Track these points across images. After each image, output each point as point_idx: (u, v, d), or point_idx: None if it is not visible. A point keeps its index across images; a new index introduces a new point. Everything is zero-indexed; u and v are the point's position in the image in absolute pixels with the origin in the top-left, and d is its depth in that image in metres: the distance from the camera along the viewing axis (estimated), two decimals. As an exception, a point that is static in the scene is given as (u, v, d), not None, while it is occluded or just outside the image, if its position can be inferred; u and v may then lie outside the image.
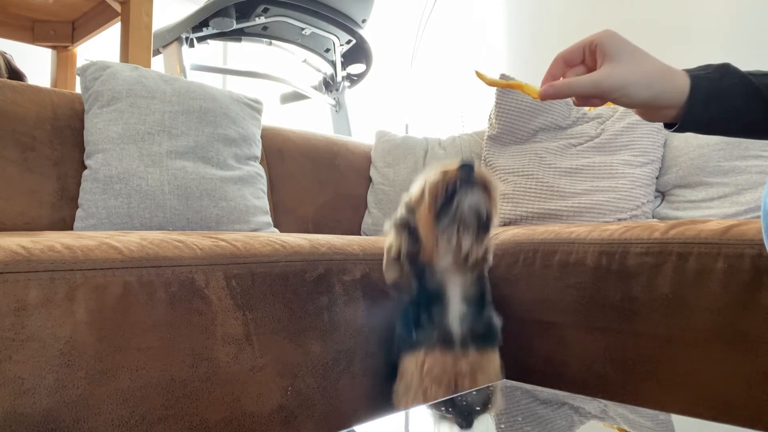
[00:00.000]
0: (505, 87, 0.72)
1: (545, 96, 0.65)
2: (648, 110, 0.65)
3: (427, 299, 0.89)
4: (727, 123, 0.64)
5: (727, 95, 0.61)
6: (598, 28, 0.65)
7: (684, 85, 0.61)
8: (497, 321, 0.91)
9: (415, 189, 0.89)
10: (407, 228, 0.90)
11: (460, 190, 0.82)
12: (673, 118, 0.64)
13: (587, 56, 0.65)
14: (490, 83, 0.72)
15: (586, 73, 0.64)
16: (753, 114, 0.62)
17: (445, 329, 0.87)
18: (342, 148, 1.79)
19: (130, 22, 1.69)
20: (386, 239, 0.93)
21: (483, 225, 0.84)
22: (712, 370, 0.83)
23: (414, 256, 0.89)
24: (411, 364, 0.87)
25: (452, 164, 0.84)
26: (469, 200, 0.82)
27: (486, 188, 0.83)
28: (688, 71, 0.62)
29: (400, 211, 0.91)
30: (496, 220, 0.85)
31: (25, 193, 1.16)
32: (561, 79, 0.65)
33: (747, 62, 0.65)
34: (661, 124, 0.66)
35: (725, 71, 0.62)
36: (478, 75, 0.71)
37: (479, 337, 0.88)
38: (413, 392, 0.86)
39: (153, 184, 1.21)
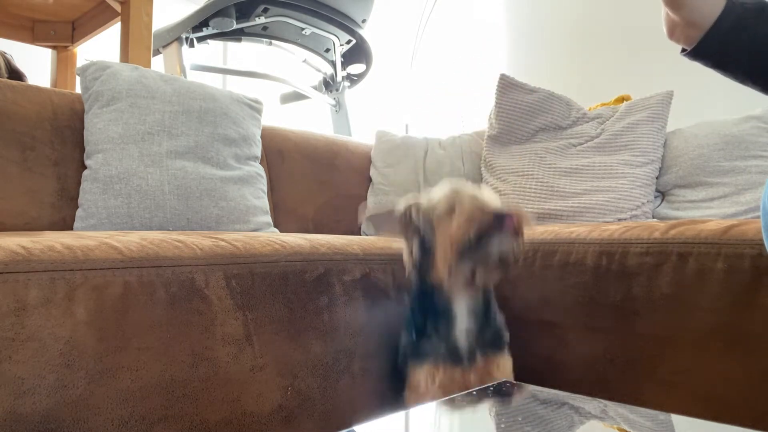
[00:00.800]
0: None
1: None
2: (675, 20, 0.63)
3: (433, 312, 0.88)
4: (740, 60, 0.62)
5: (755, 31, 0.60)
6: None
7: (720, 5, 0.60)
8: (501, 320, 0.91)
9: (439, 199, 0.86)
10: (418, 234, 0.87)
11: (489, 238, 0.79)
12: (695, 38, 0.62)
13: None
14: None
15: None
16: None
17: (453, 343, 0.87)
18: (342, 148, 1.79)
19: (130, 22, 1.69)
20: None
21: (504, 264, 0.82)
22: (712, 370, 0.83)
23: (423, 267, 0.87)
24: (420, 376, 0.87)
25: (489, 201, 0.81)
26: (495, 248, 0.80)
27: (517, 233, 0.81)
28: None
29: (413, 212, 0.88)
30: (519, 259, 0.83)
31: (25, 193, 1.16)
32: None
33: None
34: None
35: (763, 8, 0.61)
36: None
37: (486, 343, 0.88)
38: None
39: (153, 184, 1.21)
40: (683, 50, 0.65)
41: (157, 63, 2.10)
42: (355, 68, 2.48)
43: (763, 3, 0.62)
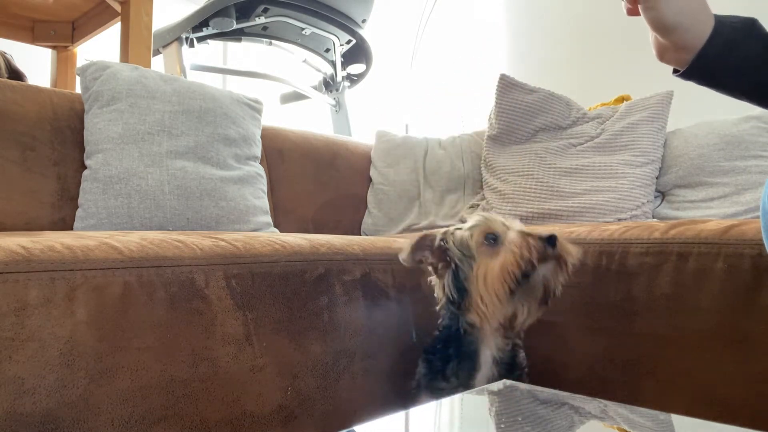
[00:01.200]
0: None
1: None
2: (665, 44, 0.63)
3: (457, 356, 0.83)
4: (734, 78, 0.63)
5: (745, 50, 0.61)
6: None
7: (709, 27, 0.61)
8: (526, 369, 0.86)
9: (472, 227, 0.81)
10: (452, 268, 0.82)
11: (539, 266, 0.75)
12: (686, 60, 0.63)
13: None
14: None
15: None
16: (763, 76, 0.61)
17: (470, 387, 0.81)
18: (342, 148, 1.79)
19: (130, 22, 1.69)
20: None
21: (546, 298, 0.79)
22: (712, 370, 0.83)
23: (457, 305, 0.82)
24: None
25: (532, 232, 0.77)
26: (542, 276, 0.76)
27: (564, 262, 0.77)
28: (716, 16, 0.62)
29: (449, 241, 0.82)
30: (559, 292, 0.79)
31: (25, 193, 1.16)
32: None
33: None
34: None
35: (751, 26, 0.61)
36: None
37: None
38: None
39: (153, 184, 1.21)
40: (675, 71, 0.65)
41: (157, 63, 2.10)
42: (355, 68, 2.48)
43: (750, 21, 0.62)
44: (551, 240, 0.75)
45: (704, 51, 0.61)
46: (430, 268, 0.87)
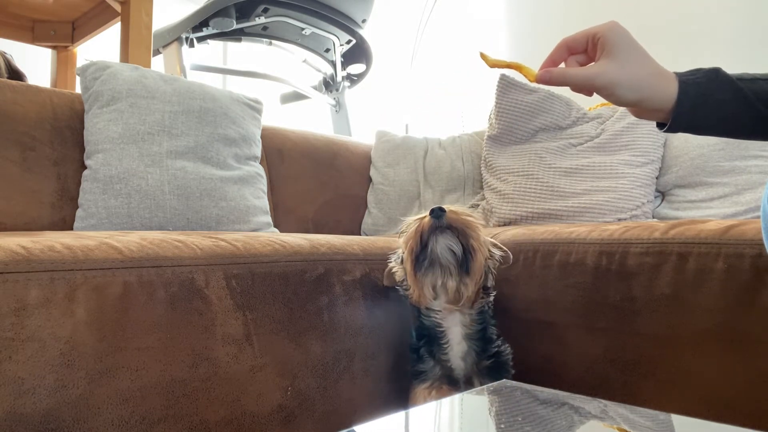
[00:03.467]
0: (505, 67, 0.73)
1: (540, 80, 0.66)
2: (637, 110, 0.66)
3: (427, 337, 0.90)
4: (715, 127, 0.64)
5: (715, 102, 0.62)
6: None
7: (672, 90, 0.62)
8: (506, 351, 0.92)
9: (403, 238, 0.90)
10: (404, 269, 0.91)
11: (431, 236, 0.84)
12: (663, 118, 0.64)
13: (590, 46, 0.66)
14: (492, 64, 0.72)
15: (587, 62, 0.66)
16: (741, 119, 0.63)
17: (448, 366, 0.88)
18: (342, 148, 1.79)
19: (130, 22, 1.69)
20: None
21: (463, 264, 0.85)
22: (712, 370, 0.83)
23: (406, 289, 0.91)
24: (419, 396, 0.89)
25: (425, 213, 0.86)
26: (441, 244, 0.83)
27: (463, 229, 0.84)
28: (678, 75, 0.63)
29: (399, 251, 0.92)
30: (479, 257, 0.85)
31: (25, 193, 1.16)
32: (560, 66, 0.66)
33: (749, 58, 0.65)
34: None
35: (714, 77, 0.63)
36: (482, 56, 0.72)
37: (486, 371, 0.88)
38: None
39: (153, 184, 1.21)
40: (659, 126, 0.67)
41: (157, 63, 2.10)
42: (355, 68, 2.48)
43: (711, 71, 0.63)
44: (435, 212, 0.83)
45: (678, 108, 0.62)
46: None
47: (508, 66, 0.72)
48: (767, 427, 0.77)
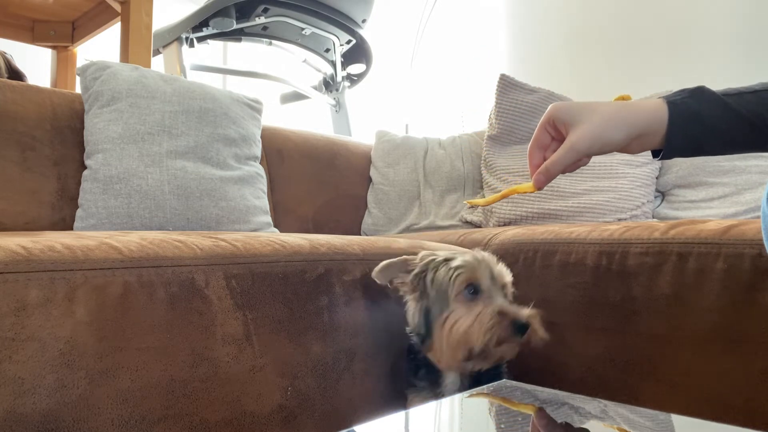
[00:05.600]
0: (501, 198, 0.72)
1: (540, 185, 0.66)
2: (634, 145, 0.65)
3: (425, 365, 0.86)
4: (711, 145, 0.65)
5: (707, 119, 0.62)
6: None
7: (662, 112, 0.62)
8: (506, 372, 0.89)
9: (457, 272, 0.80)
10: (426, 300, 0.83)
11: (503, 344, 0.77)
12: (658, 144, 0.64)
13: (553, 133, 0.67)
14: (486, 203, 0.73)
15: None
16: (734, 134, 0.63)
17: (441, 394, 0.86)
18: (342, 148, 1.79)
19: (130, 22, 1.69)
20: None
21: (499, 363, 0.82)
22: (712, 370, 0.83)
23: (420, 338, 0.85)
24: (412, 405, 0.88)
25: (509, 311, 0.78)
26: (502, 352, 0.78)
27: (526, 345, 0.79)
28: (665, 98, 0.63)
29: (428, 275, 0.82)
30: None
31: (25, 193, 1.16)
32: (544, 163, 0.66)
33: (749, 61, 0.65)
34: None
35: (701, 95, 0.63)
36: (472, 204, 0.72)
37: (479, 376, 0.85)
38: None
39: (153, 184, 1.21)
40: (655, 154, 0.66)
41: (157, 63, 2.10)
42: (355, 68, 2.48)
43: (696, 90, 0.63)
44: (521, 329, 0.76)
45: (671, 131, 0.62)
46: (403, 291, 0.88)
47: (504, 196, 0.71)
48: (767, 427, 0.77)
